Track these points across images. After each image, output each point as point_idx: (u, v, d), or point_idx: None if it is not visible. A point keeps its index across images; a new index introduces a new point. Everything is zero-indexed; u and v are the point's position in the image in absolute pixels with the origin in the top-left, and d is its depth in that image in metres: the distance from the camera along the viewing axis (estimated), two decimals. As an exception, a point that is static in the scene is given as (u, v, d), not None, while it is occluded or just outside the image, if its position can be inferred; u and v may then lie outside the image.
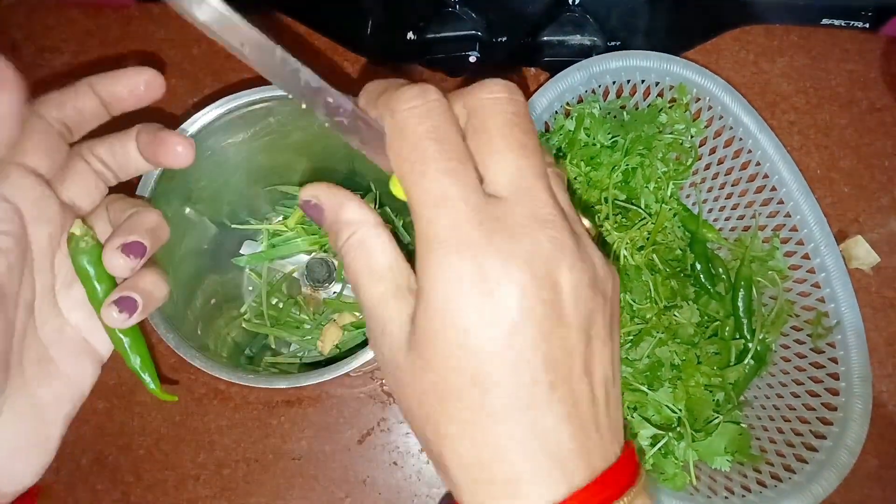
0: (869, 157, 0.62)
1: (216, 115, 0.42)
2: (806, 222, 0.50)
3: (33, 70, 0.63)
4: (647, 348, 0.47)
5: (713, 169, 0.55)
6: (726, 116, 0.52)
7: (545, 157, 0.26)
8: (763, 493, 0.45)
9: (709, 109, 0.53)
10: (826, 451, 0.45)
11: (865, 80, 0.63)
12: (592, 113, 0.51)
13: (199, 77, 0.64)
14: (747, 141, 0.52)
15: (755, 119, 0.51)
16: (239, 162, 0.47)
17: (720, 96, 0.52)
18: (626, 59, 0.52)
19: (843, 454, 0.44)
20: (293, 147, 0.49)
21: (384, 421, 0.56)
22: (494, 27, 0.58)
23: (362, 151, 0.27)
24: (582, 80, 0.52)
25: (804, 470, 0.45)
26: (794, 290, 0.52)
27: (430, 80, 0.63)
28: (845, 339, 0.48)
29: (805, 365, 0.50)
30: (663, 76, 0.52)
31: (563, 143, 0.52)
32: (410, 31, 0.58)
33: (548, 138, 0.51)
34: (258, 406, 0.57)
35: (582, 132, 0.51)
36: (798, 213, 0.50)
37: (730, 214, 0.55)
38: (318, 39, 0.64)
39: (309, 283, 0.51)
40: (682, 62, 0.51)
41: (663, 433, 0.46)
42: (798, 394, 0.49)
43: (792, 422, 0.48)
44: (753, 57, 0.64)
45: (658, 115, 0.52)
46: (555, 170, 0.27)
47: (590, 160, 0.51)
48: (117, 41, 0.64)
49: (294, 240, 0.53)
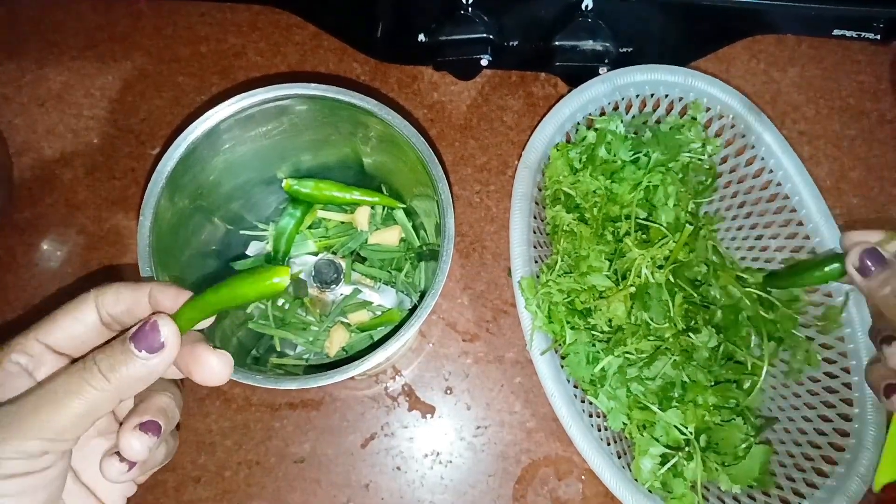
0: (879, 169, 0.61)
1: (230, 112, 0.41)
2: (825, 245, 0.49)
3: (41, 66, 0.63)
4: (661, 367, 0.46)
5: (733, 187, 0.54)
6: (749, 135, 0.51)
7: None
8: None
9: (732, 128, 0.53)
10: (837, 477, 0.45)
11: (876, 92, 0.63)
12: (613, 130, 0.51)
13: (206, 75, 0.63)
14: (769, 160, 0.51)
15: (777, 138, 0.51)
16: (249, 160, 0.47)
17: (743, 114, 0.51)
18: (651, 73, 0.51)
19: (854, 482, 0.44)
20: (304, 146, 0.49)
21: (387, 426, 0.56)
22: (506, 31, 0.57)
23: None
24: (606, 92, 0.51)
25: (814, 496, 0.45)
26: (811, 312, 0.51)
27: (439, 83, 0.63)
28: (860, 365, 0.47)
29: (818, 389, 0.49)
30: (687, 92, 0.52)
31: (584, 155, 0.51)
32: (422, 34, 0.58)
33: (568, 150, 0.51)
34: (261, 408, 0.56)
35: (602, 149, 0.50)
36: (817, 234, 0.50)
37: (748, 234, 0.54)
38: (329, 40, 0.64)
39: (316, 285, 0.51)
40: (706, 78, 0.51)
41: (673, 453, 0.46)
42: (810, 418, 0.48)
43: (803, 446, 0.48)
44: (764, 66, 0.64)
45: (677, 134, 0.52)
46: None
47: (611, 175, 0.51)
48: (126, 37, 0.64)
49: (301, 241, 0.52)
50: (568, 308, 0.47)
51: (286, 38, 0.64)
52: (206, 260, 0.48)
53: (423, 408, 0.56)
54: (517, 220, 0.49)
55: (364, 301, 0.52)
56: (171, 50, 0.64)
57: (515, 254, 0.48)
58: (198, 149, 0.41)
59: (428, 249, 0.52)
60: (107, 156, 0.61)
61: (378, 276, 0.52)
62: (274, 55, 0.64)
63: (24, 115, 0.62)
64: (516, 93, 0.63)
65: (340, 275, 0.51)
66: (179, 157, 0.40)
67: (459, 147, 0.62)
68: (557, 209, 0.50)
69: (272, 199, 0.53)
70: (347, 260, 0.52)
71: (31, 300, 0.58)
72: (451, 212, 0.41)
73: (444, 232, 0.40)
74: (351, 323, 0.52)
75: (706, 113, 0.53)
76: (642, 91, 0.53)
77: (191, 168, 0.42)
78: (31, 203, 0.60)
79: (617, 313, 0.46)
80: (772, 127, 0.51)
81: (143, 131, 0.62)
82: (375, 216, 0.53)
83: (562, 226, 0.50)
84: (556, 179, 0.50)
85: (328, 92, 0.42)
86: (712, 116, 0.53)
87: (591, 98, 0.51)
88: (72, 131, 0.62)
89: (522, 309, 0.47)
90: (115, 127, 0.62)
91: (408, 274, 0.52)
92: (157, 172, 0.39)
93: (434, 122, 0.62)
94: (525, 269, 0.48)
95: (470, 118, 0.62)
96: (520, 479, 0.54)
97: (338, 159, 0.51)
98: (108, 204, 0.60)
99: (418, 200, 0.50)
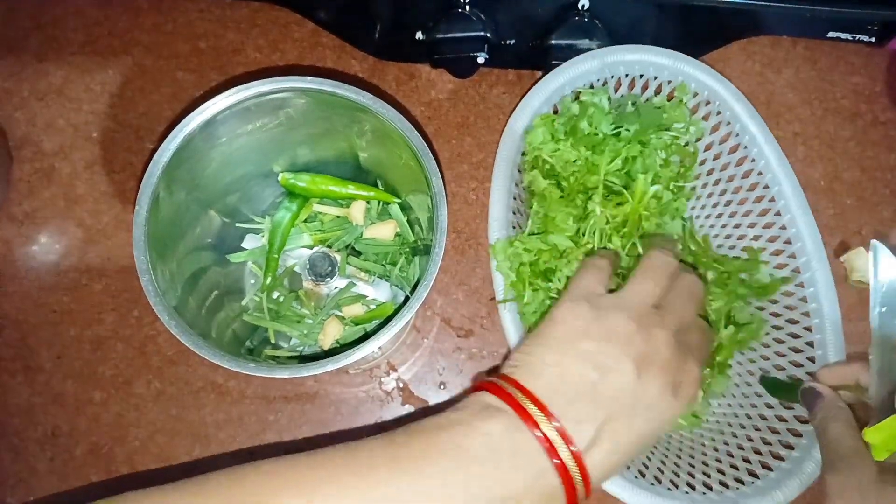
0: (872, 170, 0.62)
1: (227, 104, 0.42)
2: (801, 236, 0.50)
3: (41, 60, 0.64)
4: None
5: (716, 174, 0.55)
6: (734, 123, 0.52)
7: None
8: (724, 493, 0.45)
9: (717, 114, 0.53)
10: (792, 461, 0.45)
11: (870, 94, 0.64)
12: (595, 103, 0.51)
13: (205, 71, 0.64)
14: (752, 149, 0.51)
15: (762, 128, 0.51)
16: (246, 153, 0.47)
17: (729, 101, 0.52)
18: (641, 54, 0.52)
19: (809, 465, 0.44)
20: (300, 141, 0.50)
21: (382, 419, 0.56)
22: (503, 29, 0.58)
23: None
24: (595, 68, 0.52)
25: (768, 476, 0.45)
26: (781, 301, 0.51)
27: (436, 80, 0.63)
28: (825, 356, 0.47)
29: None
30: (676, 75, 0.52)
31: (567, 126, 0.52)
32: (419, 31, 0.58)
33: (553, 120, 0.52)
34: (256, 401, 0.56)
35: (585, 122, 0.51)
36: (793, 225, 0.50)
37: (727, 222, 0.55)
38: (327, 37, 0.64)
39: (311, 278, 0.51)
40: (695, 63, 0.51)
41: None
42: (771, 404, 0.49)
43: (762, 431, 0.48)
44: (759, 67, 0.64)
45: (663, 113, 0.52)
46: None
47: (592, 148, 0.51)
48: (125, 32, 0.65)
49: (296, 234, 0.53)
50: (532, 269, 0.48)
51: (285, 34, 0.65)
52: (203, 252, 0.49)
53: (417, 402, 0.57)
54: (498, 183, 0.50)
55: (358, 294, 0.52)
56: (170, 46, 0.64)
57: (493, 216, 0.49)
58: (194, 140, 0.42)
59: (422, 244, 0.52)
60: (106, 150, 0.62)
61: (373, 269, 0.53)
62: (273, 52, 0.64)
63: (23, 108, 0.62)
64: (513, 91, 0.63)
65: (335, 268, 0.51)
66: (176, 147, 0.40)
67: (456, 144, 0.62)
68: (534, 174, 0.51)
69: (268, 193, 0.54)
70: (342, 253, 0.52)
71: (30, 293, 0.58)
72: (443, 204, 0.41)
73: (437, 225, 0.41)
74: (345, 316, 0.52)
75: (693, 98, 0.53)
76: (632, 70, 0.53)
77: (187, 160, 0.42)
78: (29, 196, 0.60)
79: (572, 271, 0.47)
80: (756, 116, 0.51)
81: (141, 126, 0.62)
82: (371, 211, 0.54)
83: (537, 190, 0.51)
84: (535, 146, 0.51)
85: (324, 85, 0.42)
86: (699, 102, 0.53)
87: (581, 73, 0.51)
88: (71, 125, 0.62)
89: (495, 269, 0.48)
90: (115, 121, 0.62)
91: (402, 268, 0.53)
92: (153, 163, 0.40)
93: (431, 120, 0.63)
94: (501, 232, 0.48)
95: (467, 116, 0.63)
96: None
97: (334, 154, 0.51)
98: (107, 198, 0.60)
99: (413, 196, 0.51)
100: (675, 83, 0.53)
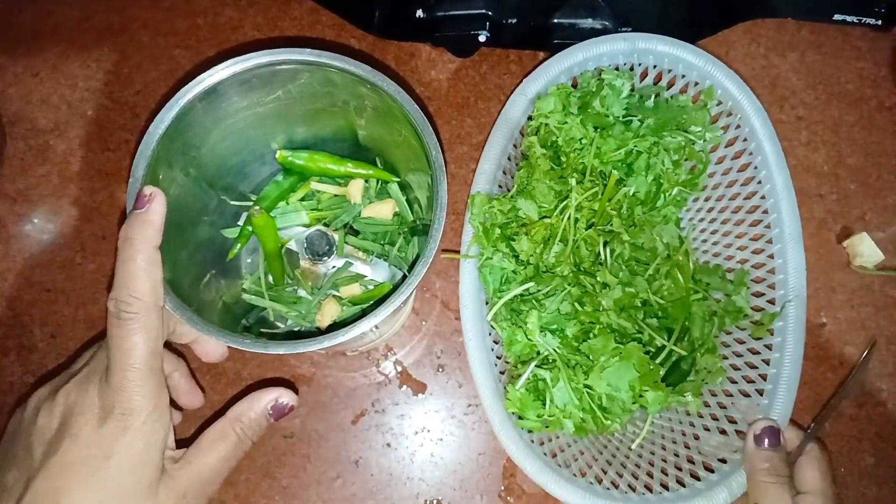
0: (877, 155, 0.61)
1: (224, 76, 0.41)
2: (785, 268, 0.49)
3: (36, 36, 0.63)
4: (556, 304, 0.47)
5: (721, 190, 0.53)
6: (750, 140, 0.50)
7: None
8: (663, 494, 0.45)
9: (736, 128, 0.51)
10: (734, 463, 0.45)
11: (875, 79, 0.63)
12: (613, 84, 0.50)
13: (203, 49, 0.63)
14: (761, 171, 0.50)
15: (777, 153, 0.49)
16: (243, 129, 0.47)
17: (751, 117, 0.50)
18: (674, 48, 0.50)
19: (721, 491, 0.44)
20: (298, 117, 0.49)
21: (378, 402, 0.56)
22: (505, 7, 0.57)
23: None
24: (623, 50, 0.51)
25: (707, 479, 0.45)
26: (752, 288, 0.51)
27: (437, 60, 0.62)
28: (775, 391, 0.46)
29: (727, 403, 0.49)
30: (704, 78, 0.51)
31: (581, 101, 0.51)
32: (420, 9, 0.57)
33: (569, 93, 0.51)
34: (251, 382, 0.56)
35: (597, 101, 0.50)
36: (782, 256, 0.49)
37: (718, 240, 0.54)
38: (327, 16, 0.63)
39: (308, 256, 0.50)
40: (727, 71, 0.50)
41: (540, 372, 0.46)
42: (709, 427, 0.48)
43: (691, 449, 0.47)
44: (764, 51, 0.64)
45: (683, 113, 0.51)
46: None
47: (602, 131, 0.50)
48: (123, 9, 0.64)
49: (293, 212, 0.52)
50: (501, 232, 0.48)
51: (283, 12, 0.64)
52: (199, 227, 0.48)
53: (414, 385, 0.56)
54: (495, 139, 0.49)
55: (356, 274, 0.51)
56: (168, 22, 0.64)
57: (482, 169, 0.48)
58: (191, 112, 0.41)
59: (421, 224, 0.52)
60: (101, 127, 0.61)
61: (371, 248, 0.52)
62: (271, 29, 0.63)
63: (18, 84, 0.61)
64: (514, 72, 0.62)
65: (333, 247, 0.51)
66: (173, 118, 0.40)
67: (456, 125, 0.61)
68: (533, 140, 0.50)
69: (265, 170, 0.53)
70: (340, 232, 0.51)
71: (23, 272, 0.57)
72: (444, 179, 0.40)
73: (437, 201, 0.40)
74: (343, 296, 0.51)
75: (716, 106, 0.52)
76: (661, 63, 0.52)
77: (183, 133, 0.41)
78: (23, 174, 0.60)
79: (523, 248, 0.47)
80: (775, 139, 0.50)
81: (138, 103, 0.61)
82: (369, 189, 0.53)
83: (531, 156, 0.50)
84: (544, 113, 0.50)
85: (322, 57, 0.41)
86: (721, 112, 0.52)
87: (607, 51, 0.50)
88: (66, 102, 0.61)
89: (467, 221, 0.48)
90: (110, 99, 0.62)
91: (401, 248, 0.52)
92: (148, 134, 0.39)
93: (431, 100, 0.62)
94: (485, 187, 0.48)
95: (467, 96, 0.62)
96: (509, 457, 0.54)
97: (332, 131, 0.50)
98: (102, 175, 0.60)
99: (413, 174, 0.50)
100: (702, 86, 0.52)
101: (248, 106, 0.45)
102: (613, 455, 0.49)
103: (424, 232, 0.50)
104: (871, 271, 0.58)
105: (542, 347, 0.46)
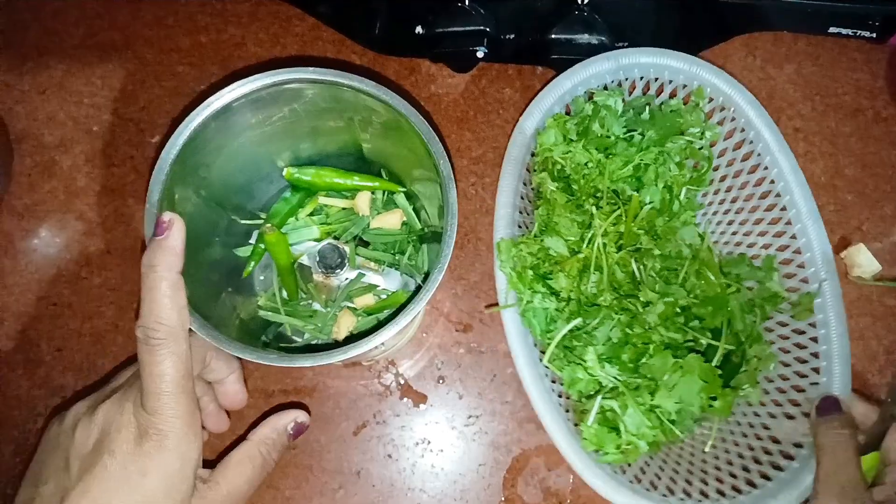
0: (874, 166, 0.62)
1: (232, 97, 0.42)
2: (810, 246, 0.49)
3: (42, 54, 0.64)
4: (607, 331, 0.47)
5: (728, 181, 0.54)
6: (748, 129, 0.51)
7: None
8: (720, 501, 0.45)
9: (732, 120, 0.53)
10: (791, 471, 0.45)
11: (872, 90, 0.63)
12: (609, 105, 0.51)
13: (206, 65, 0.64)
14: (766, 157, 0.51)
15: (776, 136, 0.50)
16: (250, 148, 0.48)
17: (744, 108, 0.51)
18: (657, 57, 0.52)
19: (807, 475, 0.44)
20: (304, 134, 0.50)
21: (380, 413, 0.56)
22: (503, 23, 0.58)
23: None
24: (609, 69, 0.52)
25: (765, 486, 0.45)
26: (781, 270, 0.51)
27: (436, 75, 0.63)
28: (830, 350, 0.46)
29: (786, 387, 0.49)
30: (692, 79, 0.52)
31: (579, 127, 0.52)
32: (419, 25, 0.58)
33: (565, 121, 0.51)
34: (255, 394, 0.56)
35: (596, 123, 0.51)
36: (804, 235, 0.50)
37: (737, 229, 0.54)
38: (328, 32, 0.64)
39: (321, 270, 0.51)
40: (711, 68, 0.51)
41: (607, 404, 0.46)
42: (775, 414, 0.48)
43: (764, 440, 0.47)
44: (761, 63, 0.64)
45: (677, 117, 0.52)
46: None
47: (604, 150, 0.51)
48: (126, 26, 0.65)
49: (303, 227, 0.53)
50: (535, 273, 0.48)
51: (286, 29, 0.65)
52: (211, 248, 0.49)
53: (415, 397, 0.57)
54: (506, 182, 0.49)
55: (369, 284, 0.52)
56: (171, 40, 0.65)
57: (499, 215, 0.49)
58: (202, 134, 0.42)
59: (430, 231, 0.53)
60: (106, 143, 0.62)
61: (382, 259, 0.53)
62: (273, 46, 0.64)
63: (24, 102, 0.63)
64: (513, 86, 0.63)
65: (345, 259, 0.52)
66: (183, 141, 0.41)
67: (455, 139, 0.62)
68: (543, 175, 0.51)
69: (272, 188, 0.54)
70: (351, 245, 0.52)
71: (30, 286, 0.58)
72: (453, 187, 0.41)
73: (448, 208, 0.41)
74: (357, 307, 0.52)
75: (709, 104, 0.53)
76: (647, 73, 0.53)
77: (194, 154, 0.42)
78: (30, 189, 0.61)
79: (561, 284, 0.47)
80: (772, 124, 0.51)
81: (142, 120, 0.62)
82: (376, 201, 0.54)
83: (545, 192, 0.51)
84: (547, 147, 0.51)
85: (327, 75, 0.42)
86: (714, 108, 0.53)
87: (594, 73, 0.51)
88: (72, 119, 0.62)
89: (497, 269, 0.48)
90: (115, 115, 0.63)
91: (410, 257, 0.53)
92: (160, 159, 0.40)
93: (430, 114, 0.63)
94: (507, 231, 0.48)
95: (466, 110, 0.63)
96: (510, 468, 0.55)
97: (337, 146, 0.51)
98: (107, 191, 0.61)
99: (418, 183, 0.51)
100: (690, 87, 0.53)
101: (256, 125, 0.46)
102: (678, 462, 0.49)
103: (433, 239, 0.51)
104: (869, 282, 0.58)
105: (604, 380, 0.46)
